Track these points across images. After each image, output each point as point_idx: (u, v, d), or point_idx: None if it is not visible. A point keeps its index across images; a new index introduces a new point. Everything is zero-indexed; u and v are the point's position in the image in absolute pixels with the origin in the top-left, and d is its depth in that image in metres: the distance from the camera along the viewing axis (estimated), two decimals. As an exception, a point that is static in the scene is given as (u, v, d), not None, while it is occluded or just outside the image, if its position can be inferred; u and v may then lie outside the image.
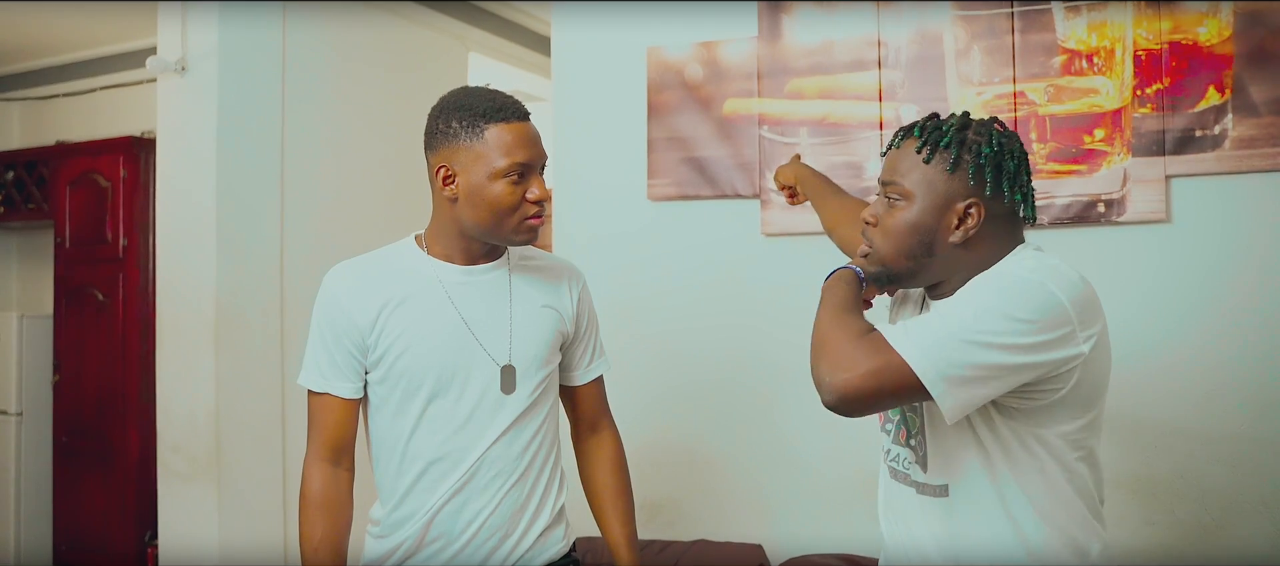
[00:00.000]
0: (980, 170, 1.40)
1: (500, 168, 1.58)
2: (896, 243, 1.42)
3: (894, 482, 1.53)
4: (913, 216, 1.41)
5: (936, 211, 1.40)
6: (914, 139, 1.44)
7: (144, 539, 4.16)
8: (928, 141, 1.42)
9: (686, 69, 2.88)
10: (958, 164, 1.40)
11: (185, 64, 3.36)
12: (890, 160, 1.47)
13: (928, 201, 1.41)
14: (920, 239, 1.41)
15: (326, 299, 1.67)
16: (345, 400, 1.67)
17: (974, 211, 1.40)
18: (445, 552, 1.67)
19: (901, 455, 1.51)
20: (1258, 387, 2.34)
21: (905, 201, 1.42)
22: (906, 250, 1.42)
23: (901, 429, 1.51)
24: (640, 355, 2.88)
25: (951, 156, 1.40)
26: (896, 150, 1.46)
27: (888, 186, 1.44)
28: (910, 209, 1.41)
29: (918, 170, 1.42)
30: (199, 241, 3.33)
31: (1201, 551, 2.36)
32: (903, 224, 1.42)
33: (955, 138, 1.41)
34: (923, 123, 1.46)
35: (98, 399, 4.33)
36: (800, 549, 2.68)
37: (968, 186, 1.40)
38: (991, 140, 1.42)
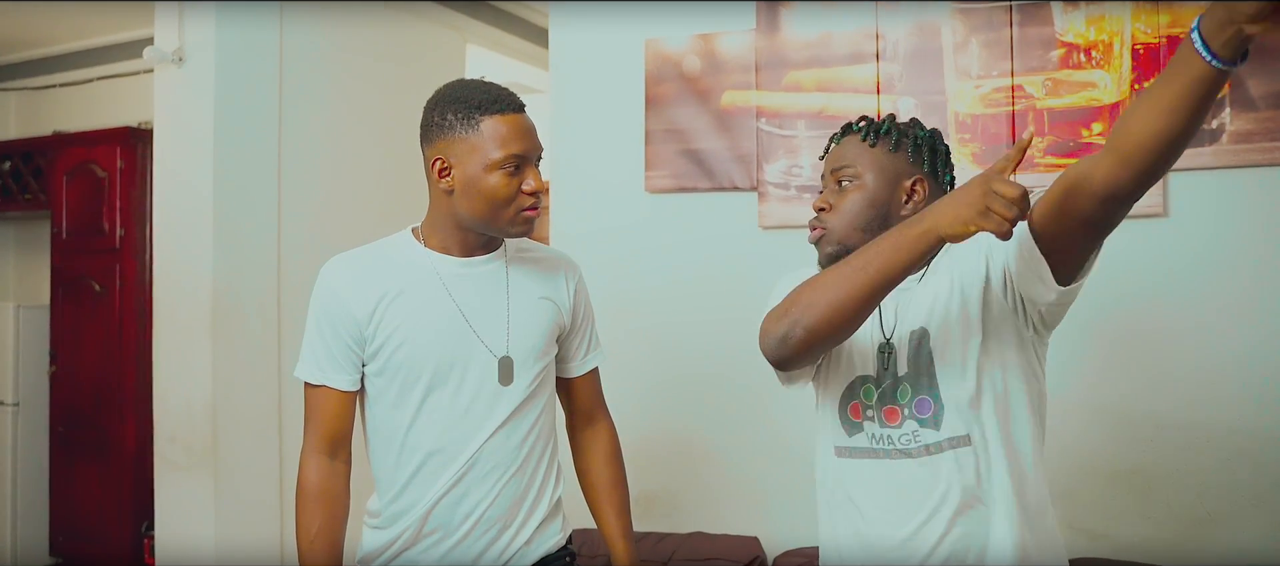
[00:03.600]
0: (919, 149, 1.57)
1: (496, 159, 1.58)
2: (853, 219, 1.55)
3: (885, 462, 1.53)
4: (868, 194, 1.55)
5: (888, 187, 1.55)
6: (855, 133, 1.60)
7: (140, 529, 4.16)
8: (870, 130, 1.58)
9: (684, 61, 2.87)
10: (899, 145, 1.56)
11: (182, 55, 3.35)
12: (835, 154, 1.61)
13: (879, 180, 1.55)
14: (876, 213, 1.54)
15: (323, 292, 1.67)
16: (343, 392, 1.67)
17: (919, 187, 1.56)
18: (443, 544, 1.67)
19: (893, 434, 1.52)
20: (1254, 382, 2.34)
21: (857, 181, 1.56)
22: (863, 225, 1.54)
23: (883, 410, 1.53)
24: (637, 347, 2.88)
25: (893, 139, 1.57)
26: (838, 145, 1.61)
27: (838, 171, 1.58)
28: (864, 188, 1.55)
29: (866, 154, 1.57)
30: (196, 232, 3.33)
31: (1197, 545, 2.37)
32: (859, 201, 1.55)
33: (893, 125, 1.59)
34: (857, 121, 1.62)
35: (94, 389, 4.33)
36: (797, 542, 2.68)
37: (909, 164, 1.56)
38: (922, 127, 1.60)
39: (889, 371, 1.54)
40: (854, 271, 1.42)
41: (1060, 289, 1.40)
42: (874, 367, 1.56)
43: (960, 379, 1.48)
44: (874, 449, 1.55)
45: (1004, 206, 1.27)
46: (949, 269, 1.52)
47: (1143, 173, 1.26)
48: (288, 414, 3.51)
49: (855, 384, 1.58)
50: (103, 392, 4.30)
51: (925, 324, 1.51)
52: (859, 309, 1.43)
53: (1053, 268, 1.38)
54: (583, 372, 1.84)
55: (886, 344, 1.55)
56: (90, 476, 4.35)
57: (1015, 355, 1.50)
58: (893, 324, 1.56)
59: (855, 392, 1.58)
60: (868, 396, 1.56)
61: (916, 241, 1.37)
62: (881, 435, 1.54)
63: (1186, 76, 1.15)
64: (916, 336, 1.52)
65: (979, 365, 1.48)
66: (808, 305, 1.46)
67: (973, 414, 1.48)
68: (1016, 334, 1.49)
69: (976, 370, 1.48)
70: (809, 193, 2.72)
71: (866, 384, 1.56)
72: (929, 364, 1.50)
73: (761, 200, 2.79)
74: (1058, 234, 1.36)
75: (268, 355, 3.47)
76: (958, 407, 1.48)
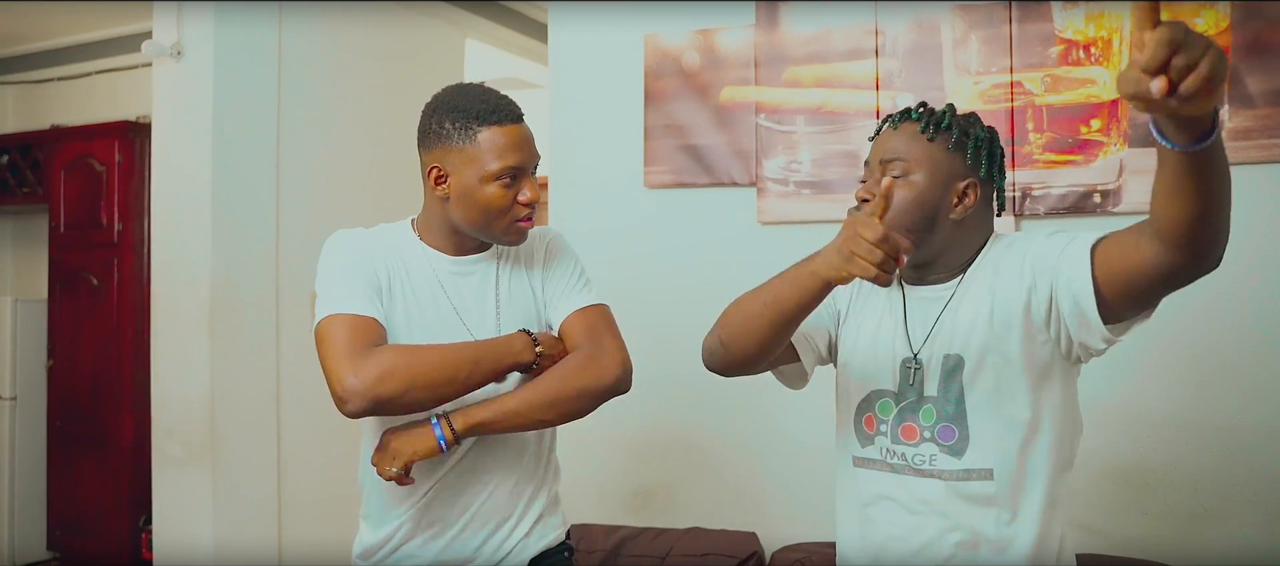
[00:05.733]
0: (978, 151, 1.47)
1: (492, 171, 1.58)
2: (899, 219, 1.42)
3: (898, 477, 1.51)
4: (917, 193, 1.45)
5: (940, 186, 1.46)
6: (913, 121, 1.49)
7: (138, 523, 4.16)
8: (930, 122, 1.47)
9: (684, 56, 2.87)
10: (959, 144, 1.46)
11: (181, 49, 3.34)
12: (887, 141, 1.50)
13: (932, 177, 1.45)
14: (924, 212, 1.45)
15: (342, 245, 1.64)
16: (375, 320, 1.56)
17: (971, 191, 1.46)
18: (441, 538, 1.67)
19: (908, 452, 1.49)
20: (1251, 378, 2.35)
21: (908, 179, 1.45)
22: (910, 223, 1.44)
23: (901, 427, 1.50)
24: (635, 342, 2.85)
25: (953, 136, 1.46)
26: (894, 130, 1.50)
27: (890, 163, 1.47)
28: (914, 186, 1.45)
29: (921, 147, 1.46)
30: (194, 226, 3.32)
31: (1194, 541, 2.37)
32: (907, 200, 1.45)
33: (954, 120, 1.48)
34: (914, 108, 1.51)
35: (92, 383, 4.33)
36: (794, 537, 2.69)
37: (965, 166, 1.46)
38: (981, 126, 1.50)
39: (913, 389, 1.49)
40: (758, 305, 1.49)
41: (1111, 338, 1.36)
42: (894, 383, 1.52)
43: (992, 413, 1.43)
44: (887, 462, 1.53)
45: (867, 250, 1.27)
46: (990, 294, 1.45)
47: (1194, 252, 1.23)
48: (286, 408, 3.51)
49: (871, 397, 1.55)
50: (100, 387, 4.30)
51: (961, 352, 1.45)
52: (768, 338, 1.48)
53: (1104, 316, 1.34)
54: (563, 316, 1.73)
55: (913, 360, 1.50)
56: (88, 470, 4.35)
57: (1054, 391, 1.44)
58: (922, 340, 1.50)
59: (870, 406, 1.55)
60: (884, 411, 1.53)
61: (805, 282, 1.41)
62: (894, 451, 1.51)
63: (1167, 163, 1.11)
64: (950, 362, 1.46)
65: (1013, 401, 1.43)
66: (729, 325, 1.55)
67: (999, 449, 1.43)
68: (1057, 367, 1.43)
69: (1010, 406, 1.43)
70: (808, 189, 2.72)
71: (883, 398, 1.53)
72: (960, 393, 1.45)
73: (760, 196, 2.79)
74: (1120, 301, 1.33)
75: (266, 350, 3.47)
76: (984, 441, 1.44)
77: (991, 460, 1.44)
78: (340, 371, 1.49)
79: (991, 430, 1.44)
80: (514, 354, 1.62)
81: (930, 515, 1.48)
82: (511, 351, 1.62)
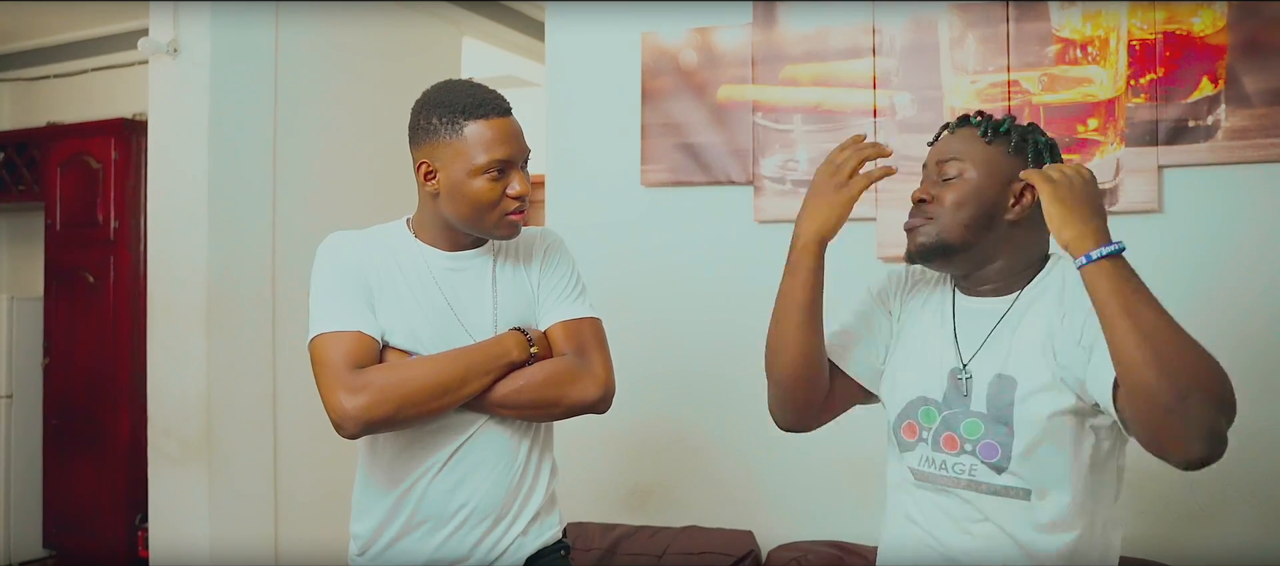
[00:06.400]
0: (1038, 154, 1.49)
1: (480, 164, 1.58)
2: (960, 213, 1.46)
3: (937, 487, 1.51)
4: (976, 188, 1.47)
5: (997, 185, 1.47)
6: (970, 125, 1.52)
7: (134, 522, 4.16)
8: (988, 125, 1.50)
9: (681, 55, 2.87)
10: (1018, 148, 1.48)
11: (177, 46, 3.34)
12: (944, 144, 1.53)
13: (990, 176, 1.47)
14: (983, 211, 1.46)
15: (332, 254, 1.65)
16: (367, 336, 1.59)
17: (1028, 192, 1.46)
18: (436, 535, 1.66)
19: (949, 461, 1.48)
20: (1248, 377, 2.33)
21: (966, 176, 1.47)
22: (968, 220, 1.46)
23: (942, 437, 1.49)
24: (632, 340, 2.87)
25: (1013, 139, 1.49)
26: (951, 135, 1.53)
27: (947, 163, 1.49)
28: (972, 182, 1.47)
29: (978, 148, 1.49)
30: (190, 224, 3.32)
31: (1192, 539, 2.37)
32: (967, 195, 1.47)
33: (1014, 126, 1.50)
34: (977, 114, 1.54)
35: (88, 381, 4.32)
36: (790, 536, 2.69)
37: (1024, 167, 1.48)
38: (1041, 133, 1.52)
39: (961, 399, 1.48)
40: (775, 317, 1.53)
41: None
42: (940, 392, 1.50)
43: (1039, 440, 1.41)
44: (924, 472, 1.52)
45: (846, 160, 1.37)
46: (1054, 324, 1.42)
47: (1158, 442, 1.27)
48: (282, 407, 3.51)
49: (915, 403, 1.54)
50: (97, 385, 4.29)
51: (1014, 373, 1.43)
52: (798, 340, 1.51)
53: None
54: (549, 323, 1.72)
55: (962, 370, 1.49)
56: (84, 468, 4.34)
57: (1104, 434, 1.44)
58: (972, 352, 1.49)
59: (913, 412, 1.54)
60: (928, 419, 1.51)
61: (798, 257, 1.47)
62: (934, 459, 1.50)
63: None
64: (1001, 381, 1.44)
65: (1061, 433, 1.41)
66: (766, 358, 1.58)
67: (1038, 471, 1.42)
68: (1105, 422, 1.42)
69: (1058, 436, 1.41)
70: (805, 188, 2.71)
71: (927, 406, 1.52)
72: (1008, 411, 1.43)
73: (757, 194, 2.79)
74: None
75: (262, 348, 3.47)
76: (1025, 462, 1.42)
77: (1029, 481, 1.43)
78: (333, 398, 1.54)
79: (1036, 456, 1.42)
80: (506, 355, 1.63)
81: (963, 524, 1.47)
82: (503, 352, 1.63)
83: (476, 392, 1.60)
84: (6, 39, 4.86)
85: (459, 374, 1.58)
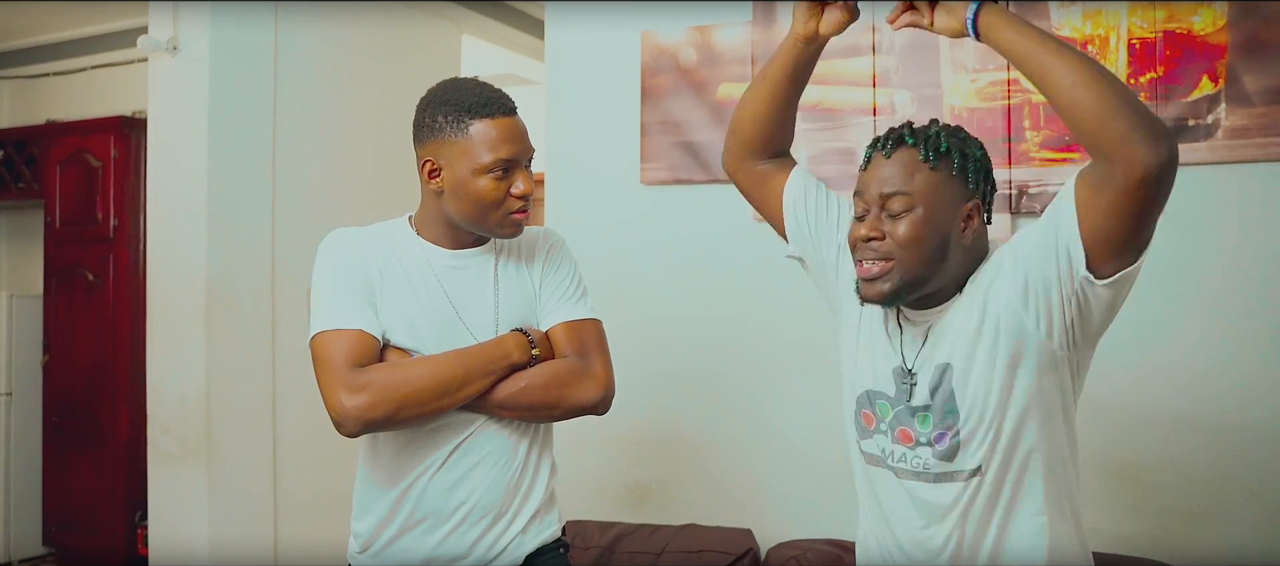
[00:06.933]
0: (979, 173, 1.46)
1: (484, 163, 1.58)
2: (917, 250, 1.42)
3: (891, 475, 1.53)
4: (930, 221, 1.42)
5: (948, 215, 1.43)
6: (906, 146, 1.45)
7: (134, 519, 4.16)
8: (927, 147, 1.44)
9: (680, 53, 2.87)
10: (961, 169, 1.44)
11: (177, 43, 3.34)
12: (882, 170, 1.45)
13: (939, 206, 1.43)
14: (939, 243, 1.43)
15: (335, 251, 1.65)
16: (368, 335, 1.59)
17: (976, 212, 1.46)
18: (436, 533, 1.67)
19: (907, 454, 1.51)
20: (1246, 376, 2.35)
21: (915, 208, 1.42)
22: (927, 256, 1.43)
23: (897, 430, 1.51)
24: (631, 338, 2.87)
25: (954, 161, 1.44)
26: (888, 159, 1.45)
27: (892, 199, 1.43)
28: (924, 214, 1.42)
29: (921, 176, 1.43)
30: (190, 222, 3.32)
31: (1189, 538, 2.37)
32: (921, 229, 1.42)
33: (950, 142, 1.45)
34: (906, 130, 1.47)
35: (88, 379, 4.32)
36: (789, 534, 2.69)
37: (967, 189, 1.45)
38: (975, 144, 1.48)
39: (908, 397, 1.50)
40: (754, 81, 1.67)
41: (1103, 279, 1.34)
42: (891, 388, 1.52)
43: (979, 415, 1.43)
44: (885, 461, 1.54)
45: None
46: (982, 300, 1.44)
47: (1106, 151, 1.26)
48: (282, 404, 3.51)
49: (871, 394, 1.55)
50: (96, 382, 4.29)
51: (949, 358, 1.45)
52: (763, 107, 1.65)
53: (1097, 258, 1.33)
54: (551, 324, 1.73)
55: (904, 370, 1.51)
56: (83, 466, 4.34)
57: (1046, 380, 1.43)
58: (916, 350, 1.51)
59: (870, 402, 1.55)
60: (883, 412, 1.54)
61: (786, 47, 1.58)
62: (892, 451, 1.53)
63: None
64: (939, 369, 1.46)
65: (1000, 402, 1.42)
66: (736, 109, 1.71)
67: (988, 448, 1.44)
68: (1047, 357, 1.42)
69: (997, 406, 1.42)
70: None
71: (881, 400, 1.54)
72: (950, 398, 1.45)
73: (757, 193, 2.78)
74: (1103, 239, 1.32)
75: (262, 346, 3.47)
76: (974, 442, 1.44)
77: (982, 459, 1.45)
78: (333, 397, 1.54)
79: (980, 431, 1.44)
80: (507, 357, 1.63)
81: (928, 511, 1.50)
82: (505, 354, 1.63)
83: (477, 394, 1.60)
84: (6, 36, 4.86)
85: (460, 375, 1.58)
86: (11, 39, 4.89)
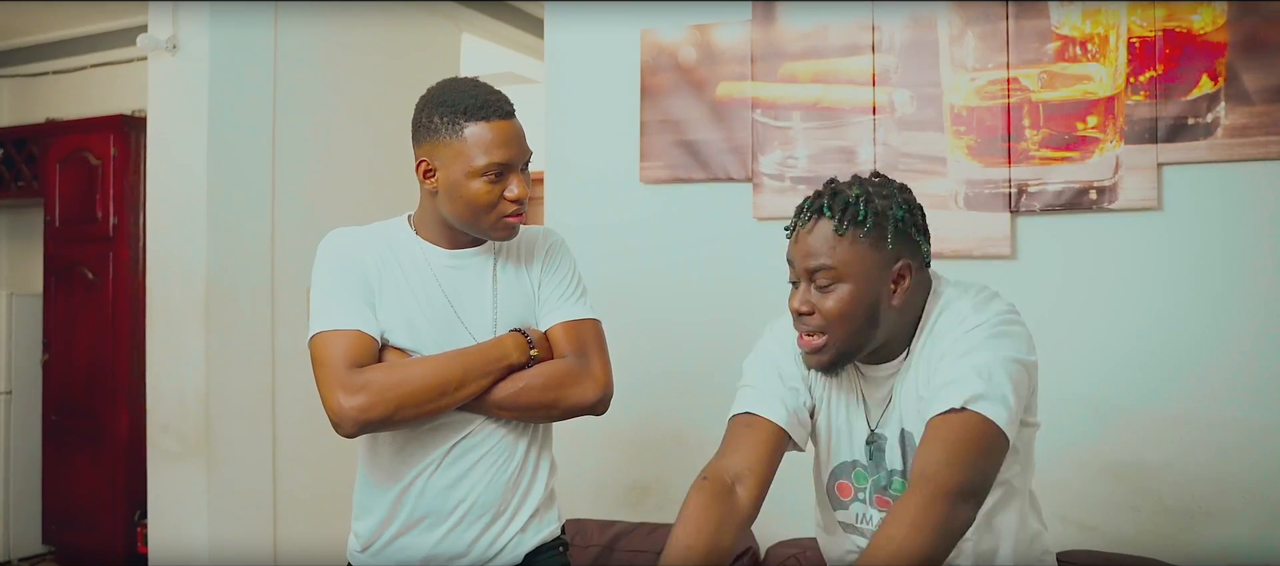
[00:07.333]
0: (899, 233, 1.44)
1: (478, 167, 1.58)
2: (847, 323, 1.44)
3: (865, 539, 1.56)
4: (856, 293, 1.43)
5: (875, 284, 1.44)
6: (824, 217, 1.45)
7: (133, 518, 4.16)
8: (844, 218, 1.43)
9: (680, 51, 2.87)
10: (880, 233, 1.43)
11: (176, 42, 3.33)
12: (806, 247, 1.46)
13: (863, 276, 1.43)
14: (866, 312, 1.44)
15: (334, 251, 1.66)
16: (366, 335, 1.59)
17: (906, 271, 1.45)
18: (435, 531, 1.67)
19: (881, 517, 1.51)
20: (1246, 375, 2.35)
21: (841, 282, 1.43)
22: (856, 327, 1.45)
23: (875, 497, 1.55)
24: (630, 338, 2.87)
25: (869, 228, 1.42)
26: (807, 232, 1.46)
27: (817, 273, 1.45)
28: (849, 287, 1.43)
29: (842, 248, 1.43)
30: (190, 220, 3.32)
31: (1188, 537, 2.37)
32: (848, 304, 1.43)
33: (867, 209, 1.43)
34: (824, 199, 1.46)
35: (87, 378, 4.33)
36: (790, 532, 2.68)
37: (890, 251, 1.44)
38: (897, 201, 1.46)
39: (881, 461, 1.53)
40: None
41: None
42: (866, 456, 1.56)
43: None
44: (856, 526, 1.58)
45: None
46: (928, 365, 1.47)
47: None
48: (281, 403, 3.51)
49: (845, 466, 1.59)
50: (96, 381, 4.30)
51: (912, 428, 1.49)
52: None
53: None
54: (550, 324, 1.73)
55: (873, 436, 1.55)
56: (83, 465, 4.34)
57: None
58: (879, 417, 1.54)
59: (845, 474, 1.59)
60: (860, 480, 1.57)
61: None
62: (869, 516, 1.56)
63: None
64: (905, 436, 1.50)
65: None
66: None
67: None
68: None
69: None
70: (804, 185, 2.72)
71: (858, 469, 1.57)
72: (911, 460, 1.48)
73: (756, 191, 2.78)
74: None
75: (261, 344, 3.47)
76: None
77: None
78: (332, 397, 1.54)
79: None
80: (506, 358, 1.63)
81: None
82: (503, 355, 1.63)
83: (475, 394, 1.61)
84: (6, 35, 4.86)
85: (458, 375, 1.58)
86: (11, 37, 4.89)
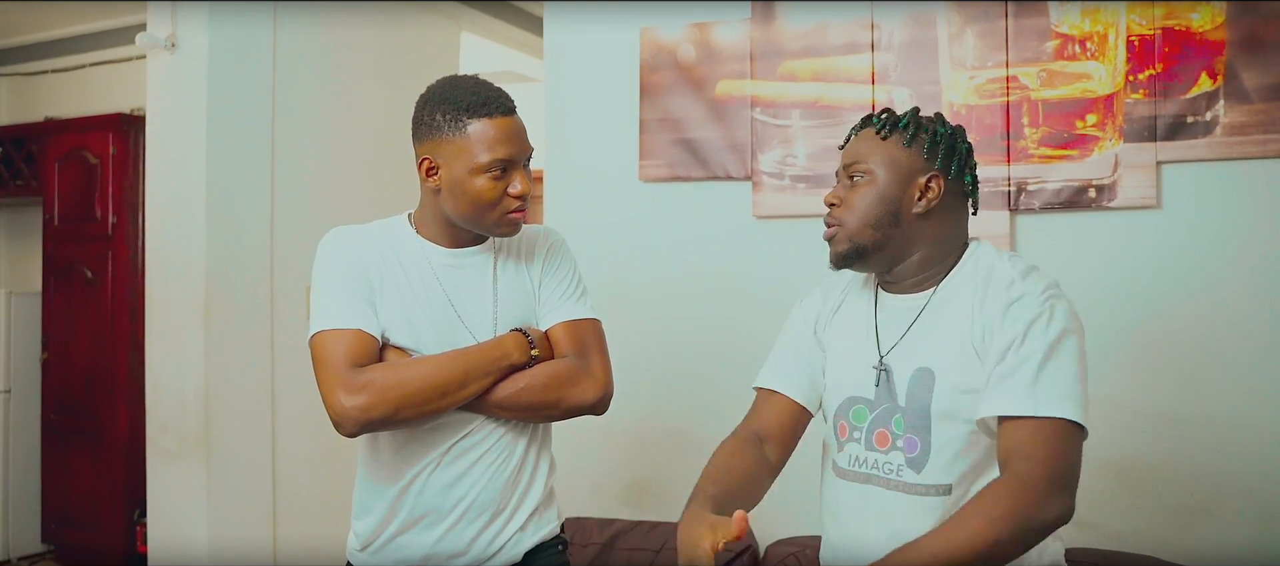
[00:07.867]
0: (935, 145, 1.52)
1: (481, 163, 1.58)
2: (864, 214, 1.51)
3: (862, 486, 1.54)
4: (879, 188, 1.52)
5: (900, 183, 1.51)
6: (872, 126, 1.57)
7: (132, 517, 4.16)
8: (885, 124, 1.55)
9: (679, 50, 2.87)
10: (914, 139, 1.52)
11: (175, 40, 3.33)
12: (850, 148, 1.58)
13: (891, 174, 1.52)
14: (887, 209, 1.51)
15: (334, 249, 1.65)
16: (367, 334, 1.59)
17: (934, 184, 1.51)
18: (435, 530, 1.67)
19: (879, 460, 1.52)
20: (1246, 373, 2.35)
21: (869, 177, 1.52)
22: (874, 221, 1.51)
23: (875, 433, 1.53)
24: (630, 335, 2.87)
25: (908, 133, 1.53)
26: (856, 137, 1.58)
27: (850, 167, 1.55)
28: (875, 182, 1.52)
29: (878, 149, 1.53)
30: (189, 219, 3.32)
31: (1187, 536, 2.37)
32: (870, 196, 1.52)
33: (911, 118, 1.55)
34: (878, 114, 1.58)
35: (86, 377, 4.32)
36: (789, 530, 2.69)
37: (924, 161, 1.52)
38: (944, 124, 1.57)
39: (885, 395, 1.52)
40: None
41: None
42: (871, 390, 1.54)
43: (954, 433, 1.45)
44: (852, 470, 1.56)
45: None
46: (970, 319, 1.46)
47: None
48: (281, 402, 3.51)
49: (847, 403, 1.58)
50: (95, 380, 4.29)
51: (932, 365, 1.47)
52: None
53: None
54: (550, 323, 1.73)
55: (881, 365, 1.53)
56: (82, 464, 4.34)
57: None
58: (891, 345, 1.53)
59: (845, 412, 1.58)
60: (859, 418, 1.55)
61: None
62: (864, 458, 1.54)
63: None
64: (920, 374, 1.48)
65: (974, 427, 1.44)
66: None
67: (959, 467, 1.45)
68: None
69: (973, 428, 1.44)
70: (803, 183, 2.72)
71: (858, 405, 1.56)
72: (926, 407, 1.46)
73: (755, 190, 2.79)
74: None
75: (261, 343, 3.47)
76: (944, 458, 1.45)
77: (950, 476, 1.46)
78: (332, 396, 1.54)
79: (953, 449, 1.45)
80: (507, 358, 1.63)
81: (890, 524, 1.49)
82: (504, 354, 1.63)
83: (476, 394, 1.61)
84: (5, 34, 4.85)
85: (459, 375, 1.58)
86: (10, 36, 4.88)
